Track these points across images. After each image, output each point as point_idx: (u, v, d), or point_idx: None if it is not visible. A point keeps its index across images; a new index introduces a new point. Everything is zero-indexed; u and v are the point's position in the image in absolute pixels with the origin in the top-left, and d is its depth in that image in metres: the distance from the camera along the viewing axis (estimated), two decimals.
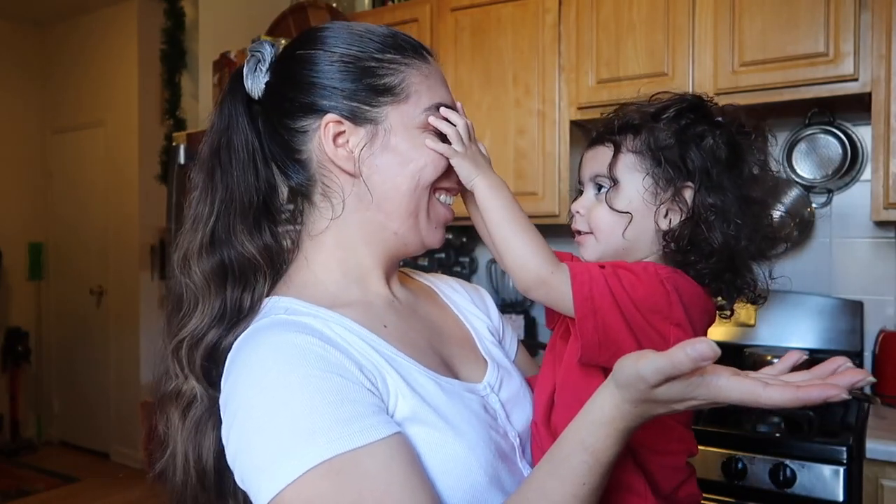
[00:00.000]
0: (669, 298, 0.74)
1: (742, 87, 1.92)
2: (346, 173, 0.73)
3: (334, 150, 0.72)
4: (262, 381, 0.62)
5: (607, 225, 0.81)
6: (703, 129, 0.81)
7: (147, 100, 4.17)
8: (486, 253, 2.73)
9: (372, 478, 0.58)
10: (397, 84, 0.73)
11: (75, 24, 4.57)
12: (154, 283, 4.24)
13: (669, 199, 0.79)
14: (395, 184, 0.73)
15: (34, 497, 3.79)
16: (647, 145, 0.80)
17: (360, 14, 2.67)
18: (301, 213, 0.79)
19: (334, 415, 0.59)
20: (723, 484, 1.63)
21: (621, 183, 0.81)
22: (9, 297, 4.71)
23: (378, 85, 0.72)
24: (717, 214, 0.78)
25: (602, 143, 0.85)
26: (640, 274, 0.74)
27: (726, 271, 0.80)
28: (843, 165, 2.04)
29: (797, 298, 2.11)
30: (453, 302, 0.89)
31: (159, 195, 3.14)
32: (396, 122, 0.73)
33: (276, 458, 0.58)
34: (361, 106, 0.72)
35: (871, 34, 1.78)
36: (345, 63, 0.72)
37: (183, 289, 0.73)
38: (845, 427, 1.70)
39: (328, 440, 0.58)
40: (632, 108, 0.85)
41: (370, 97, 0.72)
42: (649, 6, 2.05)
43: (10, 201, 4.69)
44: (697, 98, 0.85)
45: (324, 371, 0.62)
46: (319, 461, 0.57)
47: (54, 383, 4.79)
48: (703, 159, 0.79)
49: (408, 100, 0.73)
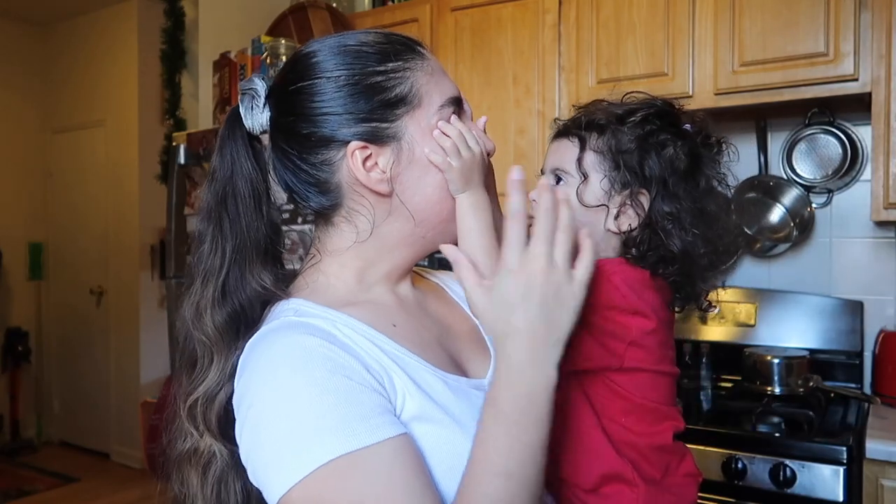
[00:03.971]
0: (620, 292, 0.76)
1: (742, 87, 1.92)
2: (379, 194, 0.72)
3: (367, 175, 0.71)
4: (271, 381, 0.63)
5: None
6: (665, 138, 0.82)
7: (147, 100, 4.17)
8: None
9: (374, 478, 0.59)
10: (408, 92, 0.72)
11: (75, 24, 4.57)
12: (154, 283, 4.24)
13: (621, 203, 0.81)
14: (425, 195, 0.73)
15: (34, 497, 3.80)
16: (609, 147, 0.82)
17: (359, 14, 2.67)
18: (312, 224, 0.79)
19: (340, 415, 0.60)
20: (723, 484, 1.63)
21: (589, 178, 0.83)
22: (9, 297, 4.71)
23: (390, 99, 0.71)
24: (673, 223, 0.79)
25: (567, 136, 0.86)
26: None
27: (683, 279, 0.82)
28: (843, 165, 2.04)
29: (797, 298, 2.11)
30: (461, 298, 0.90)
31: (159, 195, 3.14)
32: (415, 131, 0.72)
33: (285, 457, 0.59)
34: (380, 125, 0.71)
35: (871, 34, 1.78)
36: (352, 86, 0.71)
37: (196, 344, 0.72)
38: (845, 427, 1.70)
39: (334, 439, 0.59)
40: (601, 106, 0.86)
41: (386, 113, 0.71)
42: (649, 6, 2.05)
43: (10, 201, 4.69)
44: (667, 104, 0.86)
45: (331, 372, 0.62)
46: (326, 460, 0.58)
47: (54, 383, 4.79)
48: (661, 168, 0.80)
49: (421, 104, 0.72)
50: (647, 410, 0.80)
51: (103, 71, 4.42)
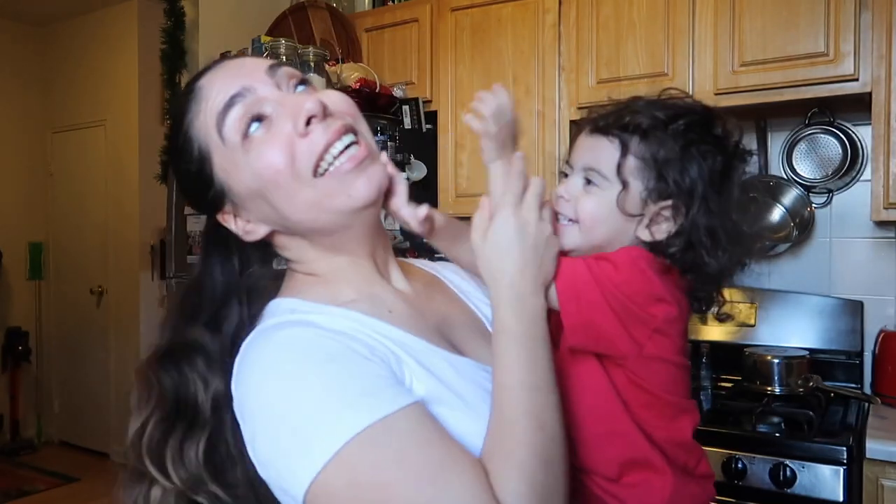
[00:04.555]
0: (646, 275, 0.74)
1: (742, 87, 1.92)
2: (272, 231, 0.75)
3: (245, 228, 0.74)
4: (276, 374, 0.62)
5: (593, 219, 0.79)
6: (707, 149, 0.78)
7: (147, 100, 4.17)
8: None
9: (409, 436, 0.59)
10: (196, 148, 0.72)
11: (76, 24, 4.57)
12: (154, 283, 4.24)
13: (656, 212, 0.77)
14: (272, 203, 0.70)
15: (34, 497, 3.80)
16: (653, 155, 0.77)
17: (360, 14, 2.67)
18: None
19: (357, 389, 0.60)
20: (723, 484, 1.63)
21: (612, 185, 0.78)
22: (9, 296, 4.71)
23: (191, 168, 0.73)
24: (710, 238, 0.76)
25: (606, 135, 0.80)
26: (616, 261, 0.74)
27: (703, 286, 0.80)
28: (843, 165, 2.04)
29: (797, 298, 2.11)
30: (458, 287, 0.89)
31: (159, 195, 3.13)
32: (227, 164, 0.71)
33: (309, 442, 0.58)
34: (205, 196, 0.74)
35: (871, 34, 1.78)
36: (181, 172, 0.75)
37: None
38: (845, 427, 1.70)
39: (356, 413, 0.58)
40: (642, 105, 0.81)
41: (199, 182, 0.73)
42: (649, 6, 2.05)
43: (10, 201, 4.69)
44: (709, 112, 0.82)
45: (337, 353, 0.63)
46: (352, 434, 0.57)
47: (54, 383, 4.79)
48: (702, 181, 0.77)
49: (211, 145, 0.71)
50: (666, 404, 0.78)
51: (103, 71, 4.42)
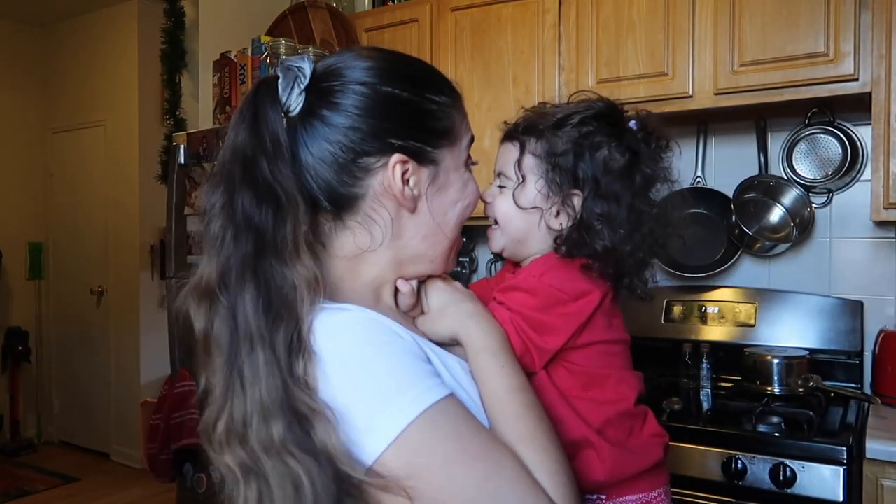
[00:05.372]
0: (555, 287, 0.84)
1: (742, 87, 1.92)
2: (402, 209, 0.74)
3: (401, 188, 0.72)
4: (338, 357, 0.64)
5: (507, 218, 0.91)
6: (600, 140, 0.87)
7: (147, 100, 4.17)
8: (486, 253, 2.73)
9: (463, 418, 0.65)
10: (451, 128, 0.76)
11: (76, 24, 4.57)
12: (154, 283, 4.24)
13: (559, 203, 0.87)
14: (444, 220, 0.77)
15: (34, 497, 3.80)
16: (545, 150, 0.87)
17: (360, 14, 2.67)
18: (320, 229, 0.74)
19: (415, 372, 0.65)
20: (723, 484, 1.63)
21: (516, 182, 0.89)
22: (9, 297, 4.71)
23: (438, 128, 0.75)
24: (603, 222, 0.85)
25: (510, 140, 0.92)
26: (529, 288, 0.85)
27: (618, 273, 0.88)
28: (843, 165, 2.04)
29: (797, 298, 2.11)
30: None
31: (159, 195, 3.14)
32: (450, 163, 0.76)
33: (373, 420, 0.62)
34: (425, 147, 0.74)
35: (871, 34, 1.78)
36: (409, 106, 0.73)
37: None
38: (845, 427, 1.70)
39: (415, 395, 0.63)
40: (545, 109, 0.92)
41: (432, 140, 0.74)
42: (649, 6, 2.05)
43: (10, 201, 4.69)
44: (608, 105, 0.90)
45: (391, 337, 0.67)
46: (415, 415, 0.62)
47: (54, 383, 4.80)
48: (593, 169, 0.86)
49: (457, 141, 0.77)
50: (605, 378, 0.87)
51: (103, 71, 4.42)
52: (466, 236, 2.68)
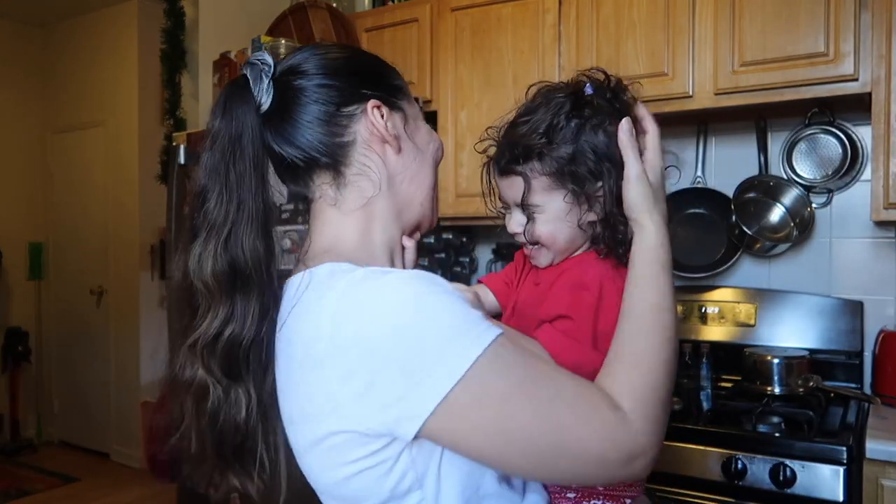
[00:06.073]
0: (615, 284, 0.86)
1: (742, 87, 1.92)
2: (389, 149, 0.81)
3: (384, 125, 0.80)
4: (386, 311, 0.66)
5: (552, 239, 0.91)
6: (581, 123, 0.87)
7: (147, 100, 4.17)
8: (486, 253, 2.73)
9: (518, 352, 0.68)
10: (405, 87, 0.86)
11: (76, 24, 4.57)
12: (154, 283, 4.24)
13: (588, 200, 0.88)
14: (423, 159, 0.85)
15: (34, 497, 3.80)
16: (556, 166, 0.87)
17: (360, 14, 2.67)
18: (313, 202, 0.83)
19: (467, 318, 0.67)
20: (723, 484, 1.63)
21: (544, 206, 0.90)
22: (9, 297, 4.71)
23: (396, 84, 0.84)
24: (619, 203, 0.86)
25: (510, 175, 0.91)
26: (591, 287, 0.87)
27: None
28: (843, 165, 2.04)
29: (797, 298, 2.11)
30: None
31: (159, 195, 3.14)
32: (412, 113, 0.85)
33: (434, 364, 0.64)
34: (390, 97, 0.82)
35: (871, 34, 1.78)
36: (369, 64, 0.84)
37: (196, 293, 0.76)
38: (845, 427, 1.70)
39: (473, 337, 0.65)
40: (519, 131, 0.90)
41: (395, 92, 0.83)
42: (649, 6, 2.05)
43: (10, 201, 4.69)
44: (571, 91, 0.91)
45: (435, 284, 0.69)
46: (477, 355, 0.64)
47: (54, 383, 4.80)
48: (596, 157, 0.87)
49: (411, 100, 0.87)
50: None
51: (103, 71, 4.42)
52: (466, 236, 2.68)
